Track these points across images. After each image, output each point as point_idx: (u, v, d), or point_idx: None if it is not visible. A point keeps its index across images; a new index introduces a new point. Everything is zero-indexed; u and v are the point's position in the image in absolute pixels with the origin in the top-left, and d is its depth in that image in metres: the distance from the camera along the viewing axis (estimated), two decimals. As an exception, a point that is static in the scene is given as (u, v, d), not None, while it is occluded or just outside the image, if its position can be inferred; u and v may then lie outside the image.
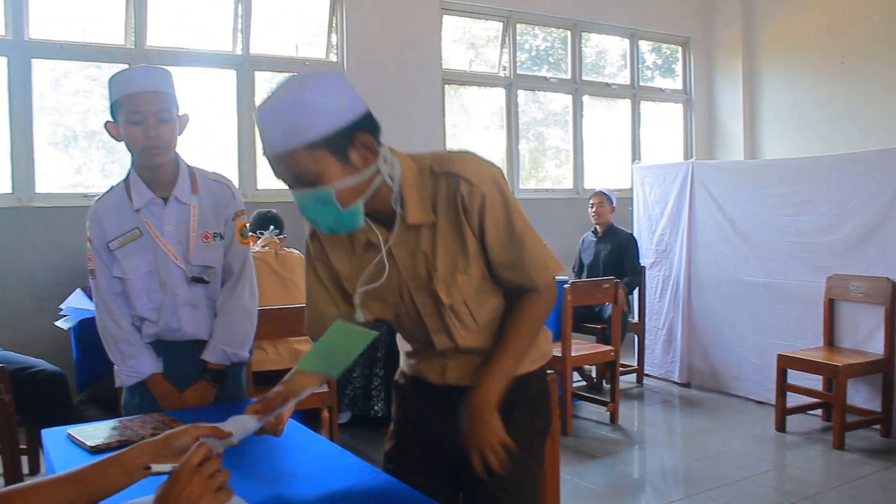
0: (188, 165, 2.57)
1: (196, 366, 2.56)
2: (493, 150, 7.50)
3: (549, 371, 2.04)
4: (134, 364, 2.50)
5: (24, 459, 3.92)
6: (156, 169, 2.47)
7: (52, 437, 2.07)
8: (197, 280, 2.51)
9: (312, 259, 1.89)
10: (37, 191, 5.27)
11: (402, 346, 2.03)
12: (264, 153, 1.64)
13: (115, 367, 2.55)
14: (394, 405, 2.07)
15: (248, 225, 2.67)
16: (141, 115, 2.36)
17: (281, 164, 1.61)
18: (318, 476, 1.78)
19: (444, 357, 1.87)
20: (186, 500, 1.21)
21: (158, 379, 2.52)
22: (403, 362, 2.04)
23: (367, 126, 1.63)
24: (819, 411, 5.11)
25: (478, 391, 1.73)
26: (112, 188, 2.56)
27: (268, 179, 6.27)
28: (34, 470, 3.98)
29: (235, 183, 5.85)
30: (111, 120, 2.44)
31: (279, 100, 1.58)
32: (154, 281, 2.50)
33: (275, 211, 4.69)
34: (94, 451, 1.91)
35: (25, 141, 5.23)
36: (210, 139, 6.07)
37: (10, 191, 5.20)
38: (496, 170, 1.75)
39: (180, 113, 2.48)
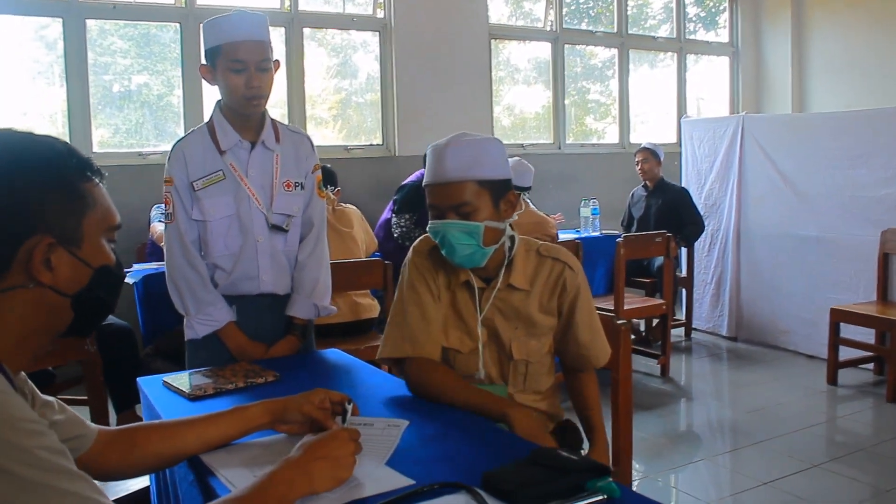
0: (270, 117, 2.58)
1: (268, 320, 2.57)
2: (535, 104, 7.49)
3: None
4: (211, 311, 2.48)
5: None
6: (248, 116, 2.50)
7: (148, 384, 2.16)
8: (277, 228, 2.52)
9: (422, 289, 2.06)
10: (94, 150, 5.37)
11: None
12: (431, 181, 1.94)
13: (185, 319, 2.53)
14: None
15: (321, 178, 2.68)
16: (243, 63, 2.39)
17: (447, 192, 1.91)
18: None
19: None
20: (334, 457, 1.37)
21: (234, 329, 2.51)
22: None
23: (513, 188, 2.00)
24: (871, 365, 5.12)
25: None
26: (193, 131, 2.56)
27: (324, 137, 6.35)
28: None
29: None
30: (205, 63, 2.47)
31: (462, 140, 1.92)
32: (234, 226, 2.50)
33: (329, 165, 4.74)
34: (193, 398, 2.00)
35: (82, 101, 5.32)
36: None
37: (68, 150, 5.29)
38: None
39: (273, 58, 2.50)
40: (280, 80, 6.00)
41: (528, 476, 1.31)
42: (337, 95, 6.68)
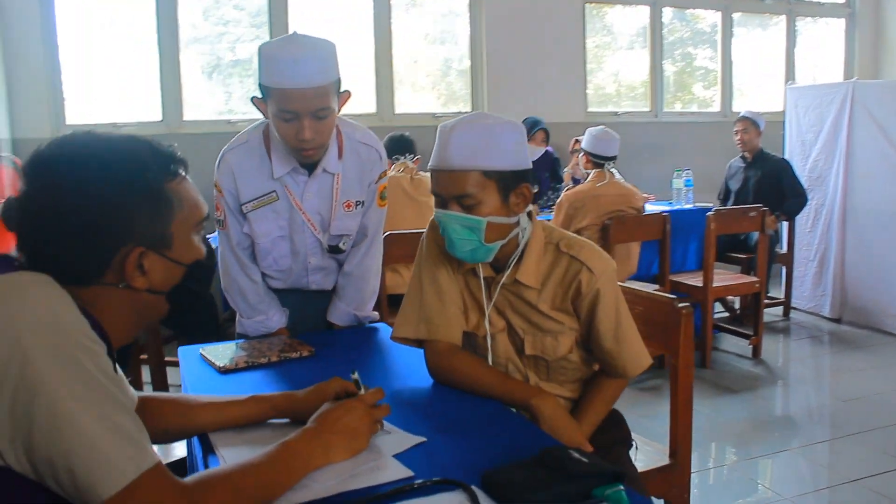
0: (336, 126, 2.25)
1: (312, 310, 2.52)
2: (635, 72, 7.20)
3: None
4: (263, 319, 2.42)
5: (177, 372, 4.15)
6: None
7: (186, 355, 2.15)
8: (333, 249, 2.39)
9: (439, 267, 1.93)
10: (185, 118, 5.47)
11: None
12: (434, 166, 1.76)
13: (238, 317, 2.46)
14: None
15: (387, 188, 2.48)
16: (293, 114, 2.05)
17: (449, 180, 1.73)
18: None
19: None
20: (350, 428, 1.37)
21: (284, 335, 2.43)
22: None
23: (529, 179, 1.78)
24: None
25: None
26: (248, 138, 2.29)
27: (405, 104, 6.27)
28: (185, 382, 4.22)
29: (372, 107, 5.94)
30: (258, 96, 2.15)
31: (472, 124, 1.72)
32: (285, 247, 2.36)
33: (407, 134, 4.66)
34: (223, 371, 1.98)
35: (173, 70, 5.42)
36: (348, 64, 6.08)
37: (160, 118, 5.42)
38: (613, 264, 1.86)
39: (342, 90, 2.16)
40: (369, 46, 5.96)
41: (529, 479, 1.20)
42: (435, 62, 6.59)
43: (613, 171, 4.56)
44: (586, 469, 1.21)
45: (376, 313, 2.58)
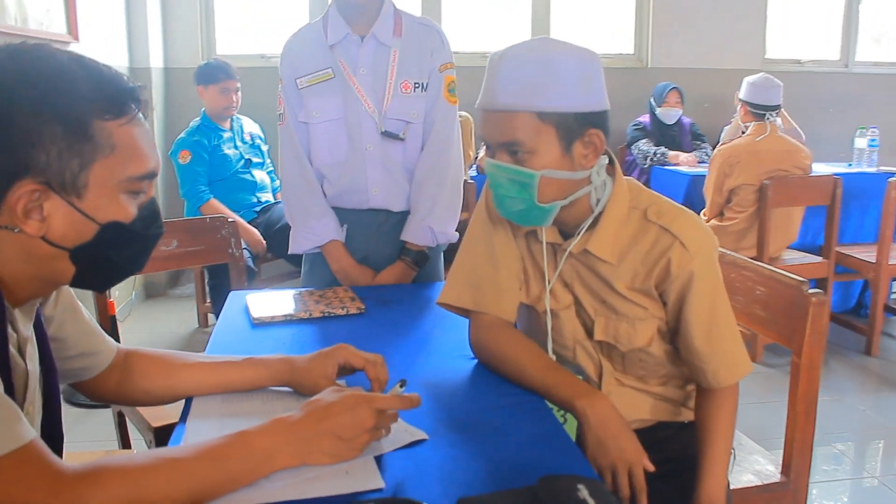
0: (395, 6, 2.25)
1: (381, 241, 2.31)
2: (824, 13, 6.38)
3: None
4: (314, 225, 2.25)
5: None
6: (357, 6, 2.17)
7: (234, 300, 1.98)
8: (390, 135, 2.21)
9: (495, 228, 1.60)
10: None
11: None
12: (480, 104, 1.44)
13: (291, 233, 2.33)
14: None
15: (456, 81, 2.28)
16: None
17: (496, 123, 1.40)
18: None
19: None
20: (344, 429, 1.09)
21: (338, 249, 2.27)
22: None
23: (601, 125, 1.41)
24: None
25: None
26: (309, 24, 2.32)
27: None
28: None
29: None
30: None
31: (528, 53, 1.38)
32: (340, 131, 2.22)
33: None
34: (256, 322, 1.80)
35: (321, 2, 5.30)
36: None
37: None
38: (715, 242, 1.49)
39: None
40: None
41: (509, 517, 0.90)
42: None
43: (777, 122, 4.00)
44: (590, 514, 0.90)
45: (456, 234, 2.31)
